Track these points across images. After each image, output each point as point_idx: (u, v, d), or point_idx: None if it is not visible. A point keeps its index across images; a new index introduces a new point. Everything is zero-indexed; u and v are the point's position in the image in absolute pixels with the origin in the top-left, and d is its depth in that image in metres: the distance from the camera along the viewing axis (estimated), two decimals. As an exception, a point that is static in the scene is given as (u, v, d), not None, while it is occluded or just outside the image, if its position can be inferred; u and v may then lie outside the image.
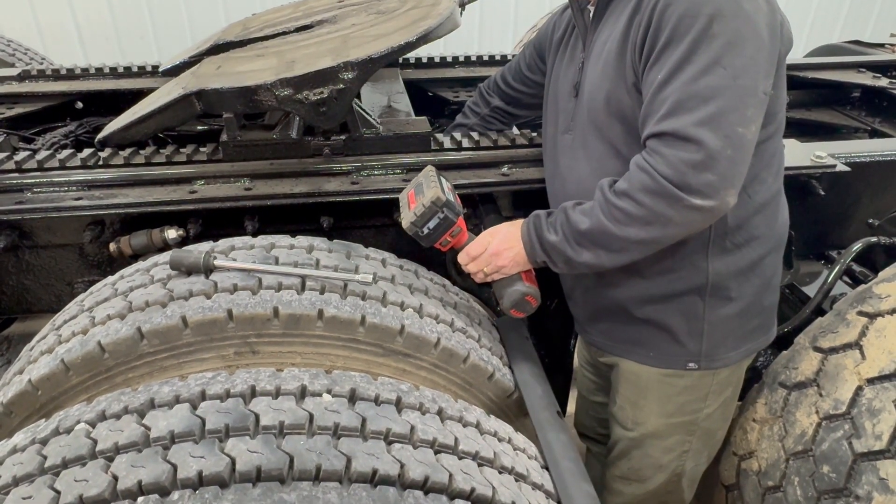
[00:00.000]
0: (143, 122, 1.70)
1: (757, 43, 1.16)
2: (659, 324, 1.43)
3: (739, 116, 1.15)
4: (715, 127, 1.14)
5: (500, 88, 1.93)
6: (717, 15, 1.14)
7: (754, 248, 1.39)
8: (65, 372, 1.13)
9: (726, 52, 1.14)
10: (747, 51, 1.15)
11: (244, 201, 1.58)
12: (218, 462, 0.83)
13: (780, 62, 1.27)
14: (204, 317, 1.13)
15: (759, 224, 1.39)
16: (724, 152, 1.14)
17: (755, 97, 1.16)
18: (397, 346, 1.20)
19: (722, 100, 1.14)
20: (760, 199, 1.37)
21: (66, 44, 5.21)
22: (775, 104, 1.31)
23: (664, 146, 1.17)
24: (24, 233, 1.62)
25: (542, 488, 1.08)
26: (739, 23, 1.14)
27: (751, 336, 1.48)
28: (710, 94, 1.14)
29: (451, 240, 1.33)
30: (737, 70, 1.14)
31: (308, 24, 2.05)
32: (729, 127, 1.14)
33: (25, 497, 0.83)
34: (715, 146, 1.13)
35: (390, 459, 0.90)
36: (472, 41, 5.72)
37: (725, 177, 1.15)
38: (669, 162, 1.16)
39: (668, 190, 1.16)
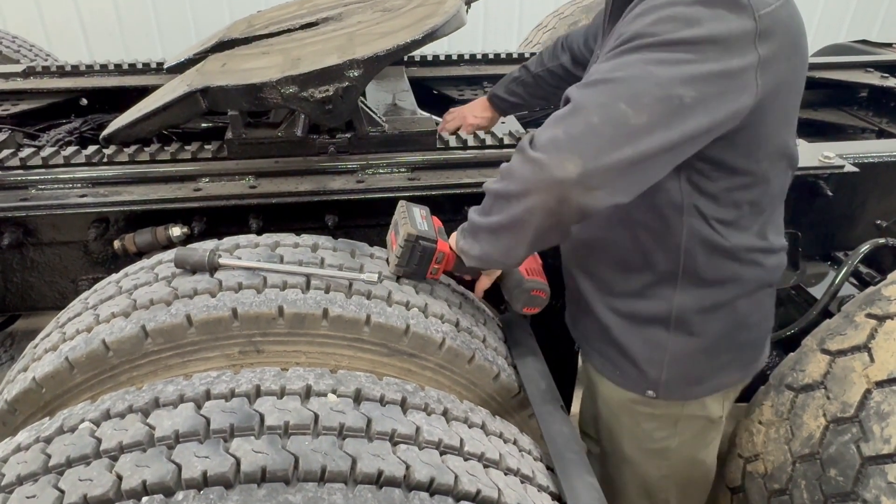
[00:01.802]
0: (147, 119, 1.70)
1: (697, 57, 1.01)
2: (624, 345, 1.38)
3: (629, 93, 1.00)
4: (595, 91, 1.03)
5: (573, 47, 1.89)
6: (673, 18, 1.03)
7: (727, 290, 1.30)
8: (69, 370, 1.13)
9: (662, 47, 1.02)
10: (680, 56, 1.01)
11: (249, 199, 1.58)
12: (223, 462, 0.83)
13: (761, 110, 1.10)
14: (209, 315, 1.12)
15: (735, 269, 1.29)
16: (588, 116, 1.00)
17: (662, 91, 0.99)
18: (402, 346, 1.20)
19: (620, 72, 1.02)
20: (737, 245, 1.26)
21: (70, 40, 5.22)
22: (753, 159, 1.18)
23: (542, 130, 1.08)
24: (29, 230, 1.62)
25: (547, 490, 1.07)
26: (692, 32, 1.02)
27: (719, 373, 1.39)
28: (614, 68, 1.03)
29: (439, 266, 1.30)
30: (653, 59, 1.01)
31: (313, 21, 2.04)
32: (609, 95, 1.01)
33: (29, 496, 0.83)
34: (581, 103, 1.02)
35: (396, 460, 0.89)
36: (476, 39, 5.71)
37: (573, 139, 1.00)
38: (544, 122, 1.08)
39: (523, 143, 1.07)
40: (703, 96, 1.01)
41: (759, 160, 1.20)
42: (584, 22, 3.59)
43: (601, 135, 1.00)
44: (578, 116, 1.01)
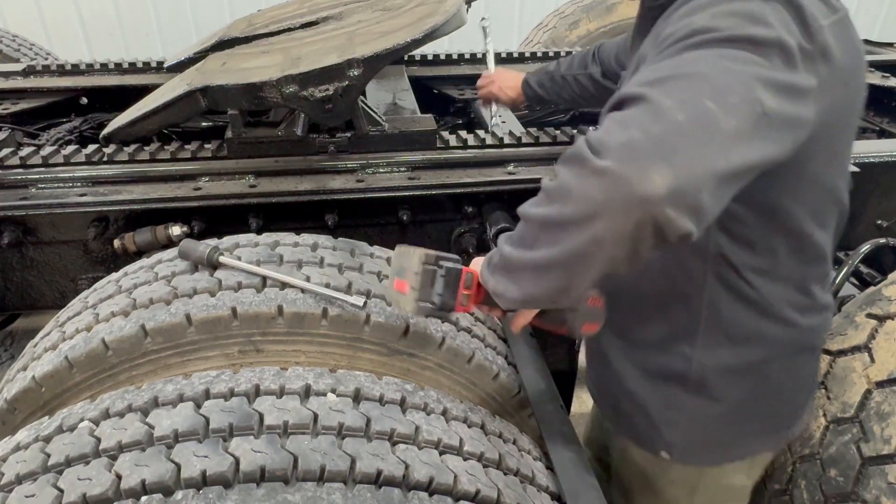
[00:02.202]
0: (147, 118, 1.69)
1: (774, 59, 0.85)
2: (639, 399, 1.24)
3: (713, 88, 0.80)
4: (669, 87, 0.81)
5: (604, 59, 1.80)
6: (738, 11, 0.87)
7: (755, 350, 1.14)
8: (68, 369, 1.13)
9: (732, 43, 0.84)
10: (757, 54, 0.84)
11: (249, 198, 1.58)
12: (222, 462, 0.83)
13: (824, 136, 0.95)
14: (208, 315, 1.12)
15: (766, 327, 1.12)
16: (672, 113, 0.78)
17: (746, 91, 0.81)
18: (402, 346, 1.20)
19: (692, 67, 0.83)
20: (770, 298, 1.09)
21: (70, 39, 5.21)
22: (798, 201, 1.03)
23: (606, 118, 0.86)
24: (29, 229, 1.62)
25: (546, 490, 1.07)
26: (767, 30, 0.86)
27: (744, 440, 1.24)
28: (681, 63, 0.85)
29: (469, 293, 1.03)
30: (734, 57, 0.84)
31: (313, 20, 2.04)
32: (690, 91, 0.80)
33: (28, 495, 0.83)
34: (657, 99, 0.80)
35: (395, 460, 0.89)
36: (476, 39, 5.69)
37: (658, 141, 0.77)
38: (602, 126, 0.84)
39: (580, 151, 0.82)
40: (778, 108, 0.83)
41: (804, 202, 1.04)
42: (584, 21, 3.59)
43: (690, 137, 0.78)
44: (658, 114, 0.79)
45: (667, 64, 0.86)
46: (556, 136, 1.81)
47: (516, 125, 2.02)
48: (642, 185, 0.75)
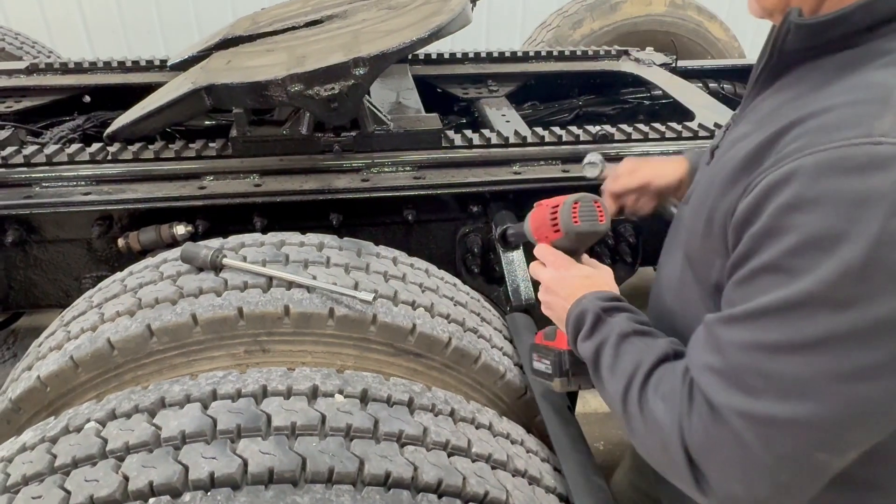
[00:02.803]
0: (152, 116, 1.69)
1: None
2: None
3: (830, 438, 0.69)
4: (778, 438, 0.70)
5: None
6: (865, 264, 0.64)
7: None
8: (74, 369, 1.12)
9: (850, 336, 0.66)
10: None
11: (253, 198, 1.57)
12: (230, 463, 0.82)
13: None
14: (214, 314, 1.11)
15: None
16: (777, 475, 0.71)
17: (877, 418, 0.69)
18: (409, 346, 1.19)
19: (808, 404, 0.68)
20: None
21: (72, 37, 5.21)
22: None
23: (701, 402, 0.76)
24: (33, 227, 1.62)
25: (554, 491, 1.06)
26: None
27: None
28: (792, 388, 0.69)
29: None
30: (852, 372, 0.67)
31: (318, 18, 2.03)
32: (803, 448, 0.69)
33: (35, 496, 0.82)
34: (763, 460, 0.70)
35: (404, 462, 0.89)
36: (479, 38, 5.69)
37: (764, 499, 0.72)
38: (696, 430, 0.76)
39: (675, 456, 0.77)
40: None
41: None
42: (588, 20, 3.58)
43: (796, 493, 0.73)
44: (763, 476, 0.71)
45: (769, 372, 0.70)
46: (561, 136, 1.80)
47: (522, 125, 2.02)
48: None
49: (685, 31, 3.57)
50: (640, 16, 3.55)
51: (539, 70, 2.66)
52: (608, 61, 2.75)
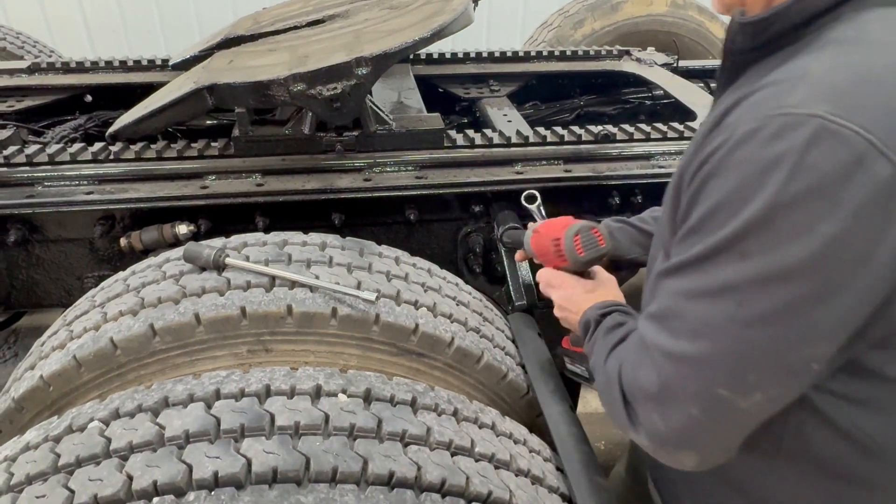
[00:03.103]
0: (154, 116, 1.69)
1: (820, 288, 0.72)
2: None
3: (728, 377, 0.77)
4: (687, 372, 0.80)
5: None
6: (765, 219, 0.71)
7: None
8: (77, 368, 1.12)
9: (749, 283, 0.74)
10: (786, 293, 0.73)
11: (255, 197, 1.57)
12: (234, 463, 0.82)
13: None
14: (217, 314, 1.11)
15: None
16: (686, 408, 0.80)
17: (769, 362, 0.76)
18: (411, 346, 1.19)
19: (709, 344, 0.78)
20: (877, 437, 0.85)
21: (73, 36, 5.22)
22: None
23: (641, 348, 0.87)
24: (35, 227, 1.62)
25: (557, 491, 1.06)
26: (800, 248, 0.71)
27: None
28: (698, 329, 0.79)
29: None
30: (748, 316, 0.75)
31: (320, 18, 2.03)
32: (705, 383, 0.78)
33: (39, 496, 0.82)
34: (675, 393, 0.81)
35: (407, 461, 0.89)
36: (480, 37, 5.69)
37: (679, 433, 0.82)
38: (636, 370, 0.87)
39: (615, 394, 0.89)
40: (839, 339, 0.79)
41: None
42: (589, 20, 3.58)
43: (711, 429, 0.81)
44: (678, 408, 0.81)
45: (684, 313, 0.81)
46: (563, 136, 1.80)
47: (524, 125, 2.02)
48: (676, 462, 0.86)
49: (686, 31, 3.57)
50: (641, 16, 3.55)
51: (540, 70, 2.66)
52: (609, 61, 2.75)
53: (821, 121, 0.69)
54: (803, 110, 0.71)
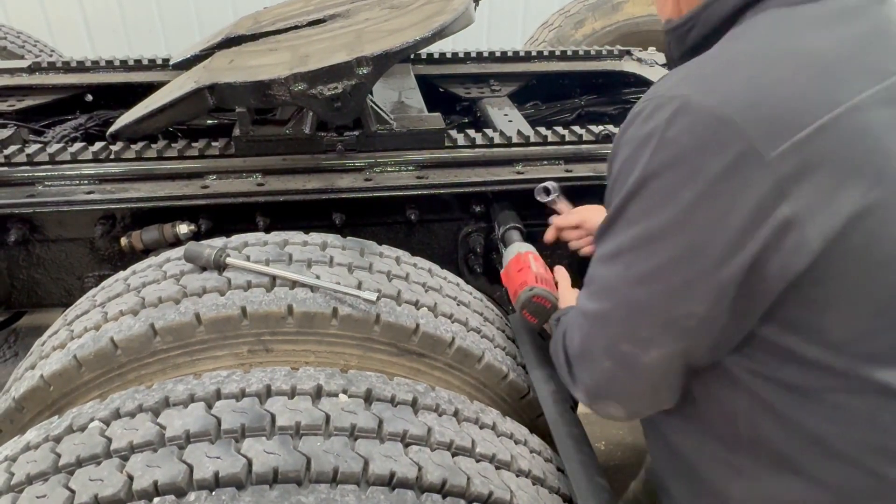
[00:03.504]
0: (154, 115, 1.69)
1: (686, 248, 0.80)
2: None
3: (626, 332, 0.88)
4: (596, 330, 0.92)
5: None
6: (640, 188, 0.82)
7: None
8: (77, 368, 1.12)
9: (632, 247, 0.85)
10: (660, 254, 0.82)
11: (256, 197, 1.57)
12: (234, 463, 0.82)
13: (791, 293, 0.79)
14: (218, 314, 1.11)
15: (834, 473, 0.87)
16: (601, 362, 0.92)
17: (654, 317, 0.85)
18: (412, 346, 1.19)
19: (608, 303, 0.90)
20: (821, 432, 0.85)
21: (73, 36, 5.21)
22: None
23: (576, 314, 1.00)
24: (35, 226, 1.61)
25: (558, 492, 1.06)
26: (667, 213, 0.80)
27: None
28: (601, 290, 0.91)
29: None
30: (633, 276, 0.85)
31: (321, 18, 2.03)
32: (610, 339, 0.90)
33: (40, 496, 0.82)
34: (591, 349, 0.94)
35: (408, 462, 0.89)
36: (481, 37, 5.69)
37: (600, 385, 0.94)
38: (570, 332, 1.00)
39: (560, 357, 1.03)
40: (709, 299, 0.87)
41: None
42: (590, 20, 3.58)
43: (625, 380, 0.93)
44: (595, 363, 0.94)
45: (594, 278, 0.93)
46: (564, 136, 1.80)
47: (524, 125, 2.01)
48: (607, 414, 0.99)
49: (687, 31, 3.57)
50: (642, 16, 3.54)
51: (541, 70, 2.65)
52: (610, 61, 2.74)
53: (681, 101, 0.78)
54: (670, 93, 0.81)
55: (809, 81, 0.77)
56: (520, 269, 1.43)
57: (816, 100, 0.76)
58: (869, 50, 0.81)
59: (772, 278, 0.78)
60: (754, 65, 0.80)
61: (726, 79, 0.80)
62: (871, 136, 0.76)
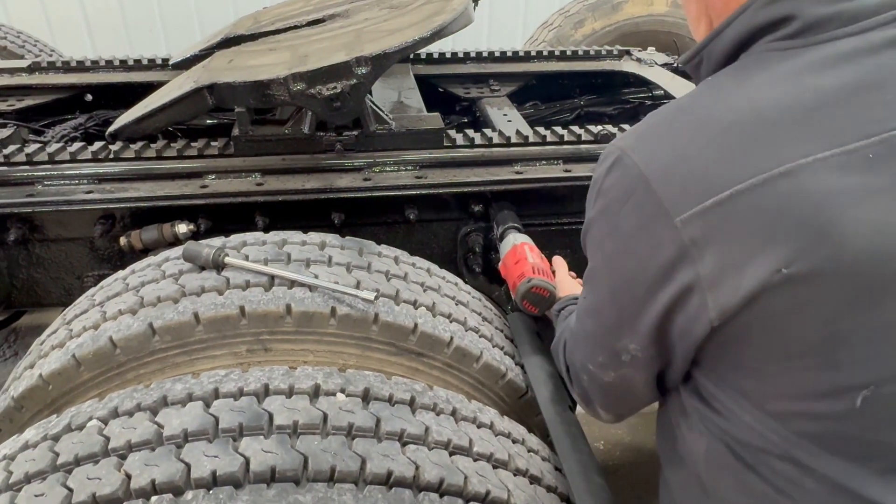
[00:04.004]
0: (154, 115, 1.69)
1: (610, 291, 0.89)
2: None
3: (588, 355, 0.98)
4: (575, 347, 1.04)
5: None
6: (587, 230, 0.92)
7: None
8: (76, 367, 1.12)
9: (585, 281, 0.96)
10: (597, 292, 0.93)
11: (255, 197, 1.57)
12: (232, 462, 0.82)
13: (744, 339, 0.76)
14: (216, 313, 1.11)
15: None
16: (581, 375, 1.03)
17: (602, 346, 0.93)
18: (410, 345, 1.19)
19: (580, 326, 1.01)
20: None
21: (73, 36, 5.21)
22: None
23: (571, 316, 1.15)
24: (35, 226, 1.61)
25: (556, 491, 1.06)
26: (598, 258, 0.91)
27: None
28: (579, 313, 1.02)
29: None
30: (586, 307, 0.97)
31: (320, 17, 2.04)
32: (580, 358, 1.02)
33: (38, 494, 0.82)
34: (572, 360, 1.06)
35: (405, 461, 0.89)
36: (481, 37, 5.69)
37: (584, 392, 1.05)
38: (567, 342, 1.12)
39: (561, 364, 1.14)
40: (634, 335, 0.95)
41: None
42: (589, 20, 3.58)
43: (599, 393, 1.02)
44: (579, 377, 1.05)
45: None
46: (563, 136, 1.80)
47: (523, 125, 2.02)
48: (596, 415, 1.07)
49: (687, 31, 3.56)
50: (641, 16, 3.54)
51: (541, 70, 2.65)
52: (610, 61, 2.74)
53: (619, 153, 0.82)
54: (617, 143, 0.84)
55: (737, 146, 0.73)
56: (517, 260, 1.45)
57: (738, 166, 0.72)
58: (845, 106, 0.72)
59: (681, 336, 0.81)
60: (688, 125, 0.79)
61: (659, 137, 0.81)
62: (806, 203, 0.68)
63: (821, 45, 0.75)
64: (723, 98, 0.79)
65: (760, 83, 0.76)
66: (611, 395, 1.01)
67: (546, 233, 1.75)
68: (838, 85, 0.72)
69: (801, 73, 0.74)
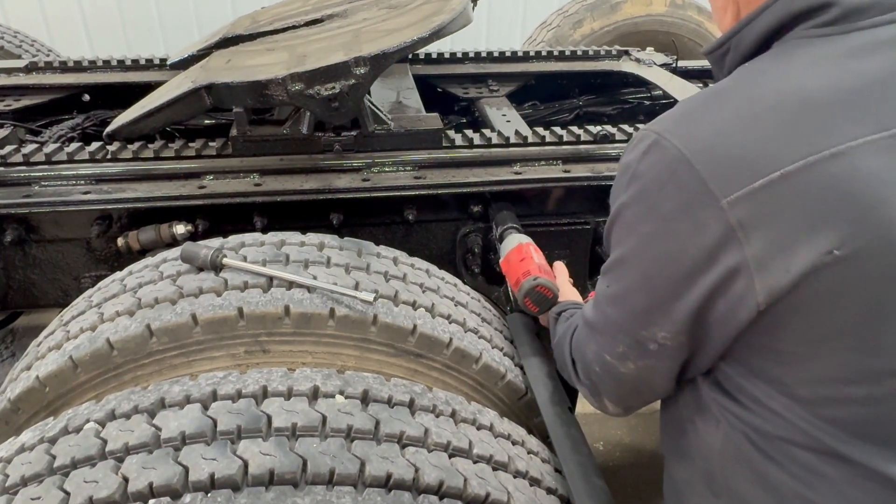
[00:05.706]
0: (151, 115, 1.68)
1: (642, 277, 0.86)
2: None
3: (607, 345, 0.96)
4: (589, 338, 1.01)
5: None
6: (617, 216, 0.89)
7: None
8: (73, 369, 1.12)
9: (611, 268, 0.93)
10: (626, 279, 0.89)
11: (253, 197, 1.57)
12: (230, 464, 0.82)
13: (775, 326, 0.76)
14: (214, 315, 1.11)
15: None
16: (592, 366, 1.01)
17: (625, 335, 0.91)
18: (409, 347, 1.19)
19: (598, 315, 0.97)
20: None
21: (71, 36, 5.20)
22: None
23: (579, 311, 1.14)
24: (32, 227, 1.61)
25: (556, 493, 1.06)
26: (630, 242, 0.87)
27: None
28: (595, 302, 0.99)
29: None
30: (610, 295, 0.93)
31: (318, 18, 2.03)
32: (596, 348, 0.99)
33: (34, 498, 0.82)
34: (585, 354, 1.03)
35: (405, 463, 0.88)
36: (480, 37, 5.69)
37: (594, 385, 1.03)
38: (575, 334, 1.11)
39: (566, 356, 1.12)
40: (660, 323, 0.93)
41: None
42: (588, 20, 3.57)
43: (610, 383, 1.01)
44: (590, 368, 1.02)
45: (596, 289, 1.00)
46: (562, 136, 1.80)
47: (522, 125, 2.01)
48: (604, 409, 1.06)
49: (686, 31, 3.57)
50: (640, 16, 3.54)
51: (539, 70, 2.65)
52: (609, 61, 2.74)
53: (655, 137, 0.80)
54: (652, 127, 0.82)
55: (785, 126, 0.73)
56: (522, 258, 1.43)
57: (787, 146, 0.72)
58: (889, 90, 0.73)
59: (721, 322, 0.79)
60: (730, 106, 0.79)
61: (699, 118, 0.80)
62: (857, 184, 0.69)
63: (860, 31, 0.76)
64: (765, 80, 0.78)
65: (803, 66, 0.77)
66: (626, 387, 0.98)
67: (545, 233, 1.75)
68: (881, 70, 0.74)
69: (843, 59, 0.75)
